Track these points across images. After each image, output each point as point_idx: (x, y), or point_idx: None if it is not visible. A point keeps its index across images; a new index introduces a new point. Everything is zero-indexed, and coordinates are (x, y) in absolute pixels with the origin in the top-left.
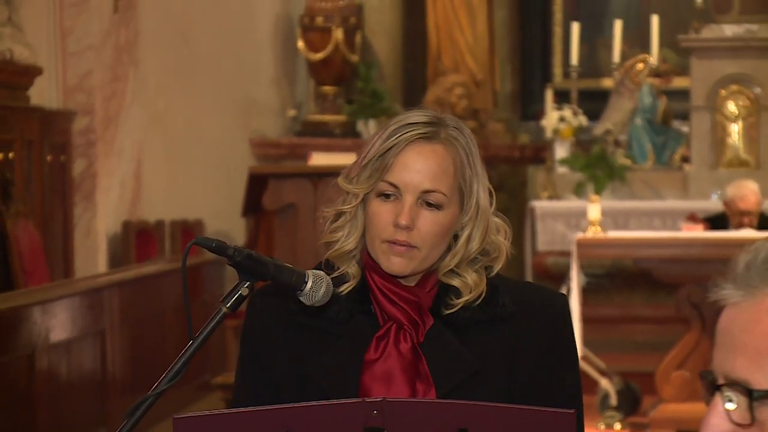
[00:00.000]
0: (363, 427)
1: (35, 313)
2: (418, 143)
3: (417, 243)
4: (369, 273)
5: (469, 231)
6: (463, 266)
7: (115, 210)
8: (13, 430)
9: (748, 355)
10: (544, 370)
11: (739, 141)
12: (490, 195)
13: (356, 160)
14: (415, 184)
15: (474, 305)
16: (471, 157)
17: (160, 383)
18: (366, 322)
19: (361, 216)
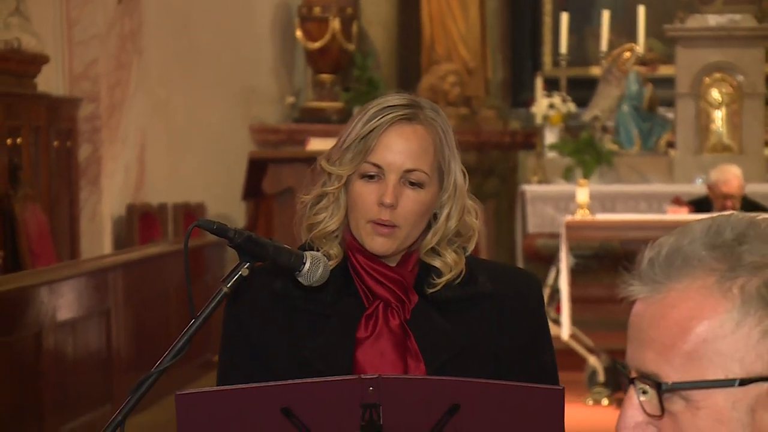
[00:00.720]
0: (360, 403)
1: (42, 293)
2: (399, 124)
3: (399, 222)
4: (352, 253)
5: (449, 209)
6: (443, 245)
7: (120, 194)
8: (21, 407)
9: (656, 350)
10: (524, 349)
11: (723, 127)
12: (464, 176)
13: (336, 143)
14: (397, 164)
15: (454, 284)
16: (448, 138)
17: (163, 361)
18: (352, 302)
19: (344, 197)
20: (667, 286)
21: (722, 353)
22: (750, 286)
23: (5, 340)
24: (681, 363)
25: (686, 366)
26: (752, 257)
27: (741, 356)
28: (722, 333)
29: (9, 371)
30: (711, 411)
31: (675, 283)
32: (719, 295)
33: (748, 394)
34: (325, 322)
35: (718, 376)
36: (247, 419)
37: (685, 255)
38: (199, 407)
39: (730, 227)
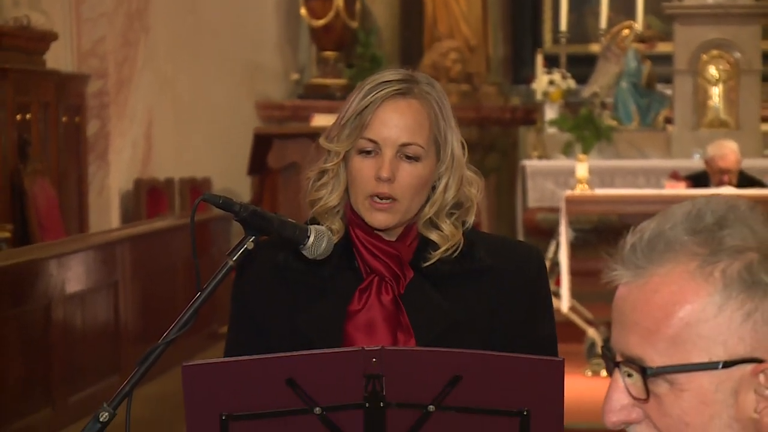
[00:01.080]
0: (363, 374)
1: (51, 266)
2: (393, 99)
3: (398, 195)
4: (352, 228)
5: (446, 180)
6: (441, 217)
7: (127, 168)
8: (31, 377)
9: (640, 334)
10: (522, 322)
11: (720, 103)
12: (463, 148)
13: (336, 120)
14: (393, 139)
15: (452, 258)
16: (444, 111)
17: (169, 332)
18: (350, 276)
19: (343, 173)
20: (649, 271)
21: (705, 337)
22: (731, 270)
23: (15, 312)
24: (665, 347)
25: (670, 350)
26: (733, 241)
27: (724, 339)
28: (705, 317)
29: (19, 343)
30: (695, 393)
31: (657, 267)
32: (701, 280)
33: (731, 377)
34: (322, 295)
35: (701, 359)
36: (253, 390)
37: (667, 240)
38: (205, 378)
39: (710, 211)
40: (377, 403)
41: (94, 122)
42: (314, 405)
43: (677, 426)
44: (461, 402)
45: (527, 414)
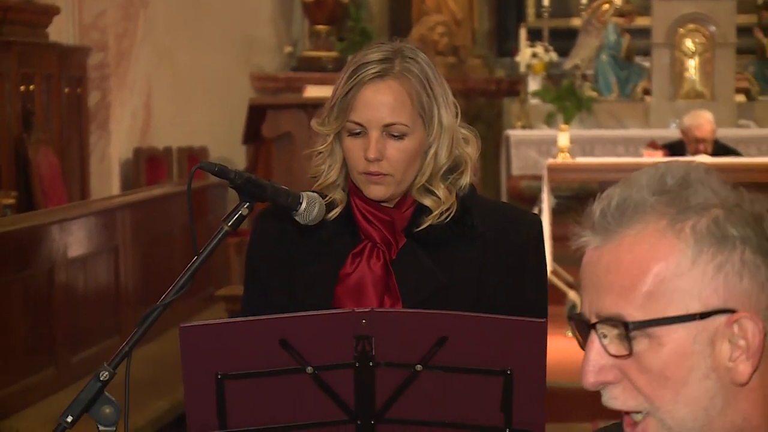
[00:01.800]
0: (353, 335)
1: (54, 231)
2: (373, 82)
3: (389, 171)
4: (352, 197)
5: (435, 148)
6: (435, 182)
7: (127, 138)
8: (35, 338)
9: (616, 293)
10: (512, 286)
11: (696, 75)
12: (456, 109)
13: (326, 103)
14: (376, 120)
15: (444, 223)
16: (427, 83)
17: (167, 295)
18: (348, 241)
19: (339, 150)
20: (620, 233)
21: (681, 290)
22: (700, 226)
23: (19, 276)
24: (642, 303)
25: (647, 305)
26: (697, 199)
27: (698, 292)
28: (679, 271)
29: (23, 305)
30: (674, 346)
31: (628, 229)
32: (672, 237)
33: (707, 327)
34: (318, 258)
35: (679, 312)
36: (247, 350)
37: (634, 203)
38: (201, 339)
39: (671, 174)
40: (367, 363)
41: (95, 93)
42: (306, 365)
43: (657, 381)
44: (447, 362)
45: (510, 373)
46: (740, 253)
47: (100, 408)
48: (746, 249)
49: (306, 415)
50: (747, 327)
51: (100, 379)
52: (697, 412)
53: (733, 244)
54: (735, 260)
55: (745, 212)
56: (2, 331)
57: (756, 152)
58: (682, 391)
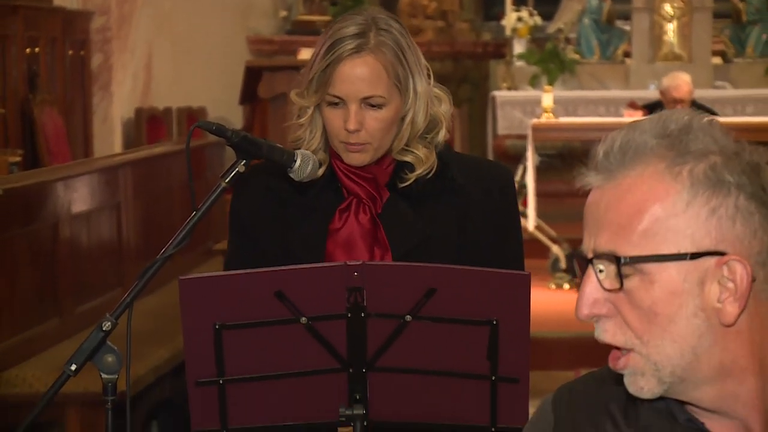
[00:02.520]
0: (345, 287)
1: (59, 188)
2: (350, 58)
3: (368, 140)
4: (333, 159)
5: (411, 114)
6: (413, 143)
7: (129, 98)
8: (41, 290)
9: (613, 230)
10: (491, 234)
11: (674, 38)
12: (428, 75)
13: (303, 74)
14: (354, 93)
15: (426, 178)
16: (402, 54)
17: (167, 249)
18: (333, 197)
19: (319, 118)
20: (621, 174)
21: (675, 230)
22: (698, 170)
23: (26, 231)
24: (637, 240)
25: (642, 242)
26: (697, 145)
27: (691, 233)
28: (674, 212)
29: (29, 258)
30: (665, 283)
31: (629, 170)
32: (670, 179)
33: (698, 268)
34: (307, 214)
35: (671, 251)
36: (244, 302)
37: (636, 145)
38: (200, 291)
39: (674, 121)
40: (359, 314)
41: (97, 56)
42: (301, 315)
43: (647, 316)
44: (436, 312)
45: (496, 323)
46: (734, 199)
47: (103, 357)
48: (741, 195)
49: (300, 363)
50: (736, 270)
51: (103, 330)
52: (684, 348)
53: (728, 189)
54: (729, 205)
55: (742, 161)
56: (8, 283)
57: (732, 112)
58: (669, 327)
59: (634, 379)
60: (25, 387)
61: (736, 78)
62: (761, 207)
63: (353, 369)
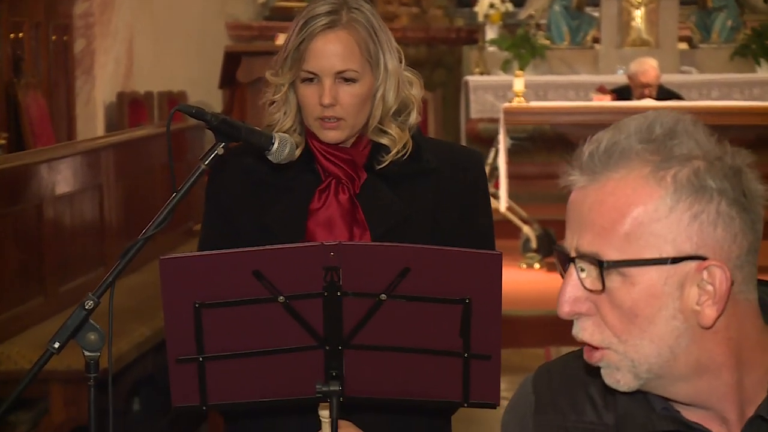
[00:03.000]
0: (322, 267)
1: (42, 169)
2: (323, 33)
3: (343, 115)
4: (310, 140)
5: (383, 91)
6: (387, 122)
7: (111, 82)
8: (25, 269)
9: (596, 232)
10: (464, 215)
11: (642, 24)
12: (399, 55)
13: (278, 54)
14: (328, 68)
15: (402, 160)
16: (373, 32)
17: (148, 229)
18: (311, 178)
19: (293, 97)
20: (605, 176)
21: (657, 235)
22: (681, 176)
23: (10, 211)
24: (619, 243)
25: (624, 246)
26: (681, 150)
27: (673, 237)
28: (657, 216)
29: (14, 238)
30: (645, 286)
31: (613, 173)
32: (654, 183)
33: (678, 272)
34: (285, 195)
35: (653, 255)
36: (223, 281)
37: (622, 148)
38: (180, 270)
39: (660, 124)
40: (335, 293)
41: (80, 40)
42: (278, 294)
43: (627, 316)
44: (410, 291)
45: (469, 302)
46: (716, 205)
47: (86, 335)
48: (722, 201)
49: (278, 341)
50: (716, 274)
51: (86, 308)
52: (661, 348)
53: (711, 195)
54: (711, 211)
55: (725, 165)
56: None
57: (697, 96)
58: (649, 328)
59: (610, 371)
60: (9, 364)
61: (701, 63)
62: (741, 212)
63: (329, 346)
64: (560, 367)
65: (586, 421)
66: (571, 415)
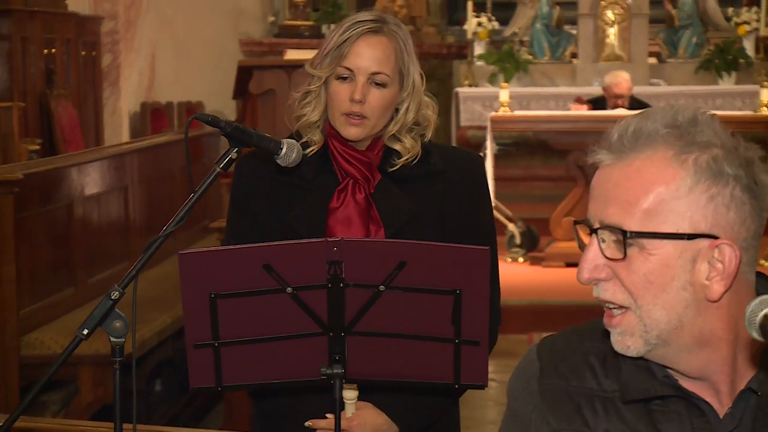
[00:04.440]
0: (326, 261)
1: (73, 172)
2: (366, 35)
3: (367, 114)
4: (330, 139)
5: (407, 104)
6: (403, 133)
7: (135, 93)
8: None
9: (620, 205)
10: (468, 214)
11: (615, 41)
12: (421, 78)
13: (319, 51)
14: (365, 68)
15: (412, 164)
16: (407, 47)
17: (168, 226)
18: (330, 179)
19: (324, 95)
20: (632, 156)
21: (676, 212)
22: (701, 160)
23: (44, 210)
24: (641, 217)
25: (645, 220)
26: (702, 138)
27: (690, 215)
28: (677, 195)
29: (47, 235)
30: (661, 257)
31: (639, 153)
32: (677, 165)
33: (692, 247)
34: (306, 194)
35: (671, 230)
36: (236, 273)
37: (648, 132)
38: (197, 264)
39: (682, 114)
40: (338, 284)
41: (107, 56)
42: (286, 286)
43: (642, 283)
44: (406, 283)
45: (459, 293)
46: (731, 189)
47: (112, 322)
48: (737, 186)
49: (286, 328)
50: (726, 252)
51: (111, 298)
52: (671, 315)
53: (727, 180)
54: (726, 194)
55: (740, 155)
56: (29, 256)
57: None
58: (661, 295)
59: (622, 338)
60: (43, 349)
61: (669, 76)
62: (752, 199)
63: (333, 333)
64: (562, 339)
65: (586, 386)
66: (573, 381)
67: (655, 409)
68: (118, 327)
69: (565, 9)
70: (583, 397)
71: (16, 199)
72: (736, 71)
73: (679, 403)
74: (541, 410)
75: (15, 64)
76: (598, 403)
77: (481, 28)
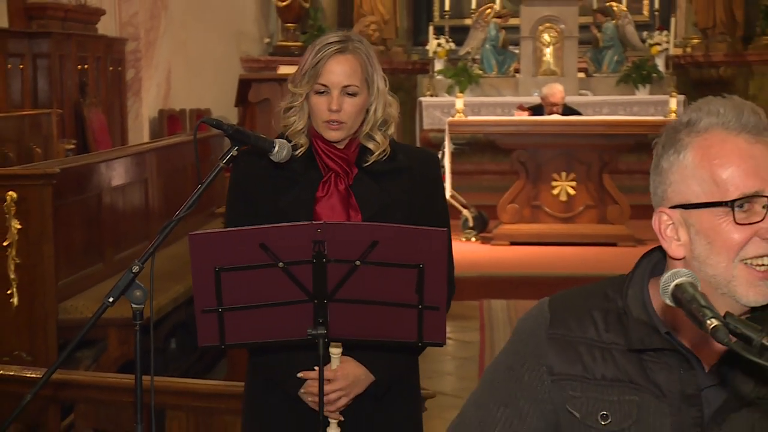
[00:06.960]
0: (312, 240)
1: (102, 167)
2: (336, 56)
3: (344, 119)
4: (315, 140)
5: (375, 105)
6: (374, 130)
7: (154, 102)
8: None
9: None
10: (428, 202)
11: (551, 59)
12: (384, 82)
13: (297, 70)
14: (337, 82)
15: (383, 160)
16: (370, 59)
17: (180, 211)
18: (315, 173)
19: (306, 106)
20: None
21: None
22: None
23: (77, 199)
24: None
25: None
26: None
27: None
28: None
29: (81, 220)
30: None
31: None
32: None
33: None
34: (296, 185)
35: None
36: (238, 251)
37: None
38: (205, 243)
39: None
40: (321, 260)
41: (131, 71)
42: (279, 261)
43: None
44: (378, 258)
45: (422, 267)
46: None
47: (133, 292)
48: None
49: (278, 296)
50: None
51: (133, 272)
52: None
53: None
54: None
55: None
56: (66, 237)
57: (592, 112)
58: None
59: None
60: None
61: (595, 87)
62: None
63: (317, 300)
64: (570, 295)
65: (587, 337)
66: (576, 331)
67: (647, 359)
68: (138, 295)
69: (509, 32)
70: (584, 345)
71: (54, 190)
72: (650, 84)
73: (672, 357)
74: (538, 355)
75: (54, 78)
76: (596, 351)
77: (441, 48)
